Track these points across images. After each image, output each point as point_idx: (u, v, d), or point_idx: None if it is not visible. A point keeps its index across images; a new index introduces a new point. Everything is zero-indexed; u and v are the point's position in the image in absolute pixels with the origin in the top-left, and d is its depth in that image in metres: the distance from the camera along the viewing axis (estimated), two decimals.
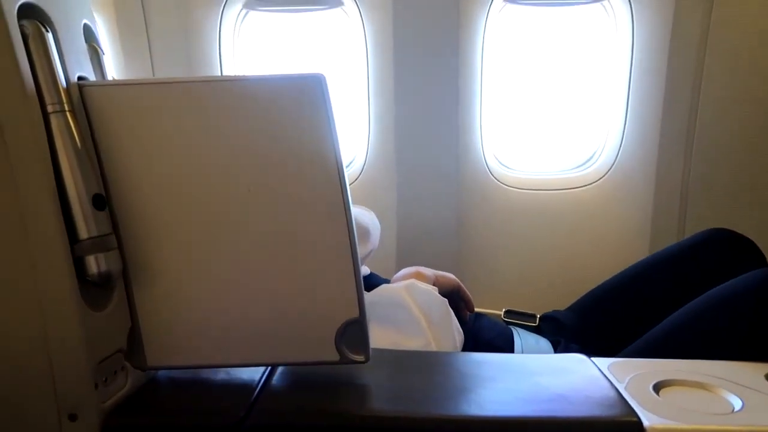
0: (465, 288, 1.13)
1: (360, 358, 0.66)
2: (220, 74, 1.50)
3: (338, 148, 0.61)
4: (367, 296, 0.68)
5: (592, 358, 0.75)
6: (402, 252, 1.53)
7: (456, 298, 1.10)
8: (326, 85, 0.60)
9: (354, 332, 0.65)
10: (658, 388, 0.67)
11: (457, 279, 1.13)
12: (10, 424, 0.62)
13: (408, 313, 0.88)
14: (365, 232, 1.05)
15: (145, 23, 1.47)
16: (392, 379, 0.71)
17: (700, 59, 1.43)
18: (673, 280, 1.14)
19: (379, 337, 0.83)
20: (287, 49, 1.61)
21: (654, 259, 1.22)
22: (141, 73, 1.50)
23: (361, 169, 1.58)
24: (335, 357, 0.66)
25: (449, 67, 1.48)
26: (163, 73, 1.51)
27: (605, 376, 0.69)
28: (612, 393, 0.65)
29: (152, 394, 0.68)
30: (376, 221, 1.14)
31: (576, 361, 0.75)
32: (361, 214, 1.08)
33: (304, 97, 0.60)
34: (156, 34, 1.49)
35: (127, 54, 1.49)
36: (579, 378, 0.70)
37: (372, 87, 1.51)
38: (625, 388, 0.66)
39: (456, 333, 0.95)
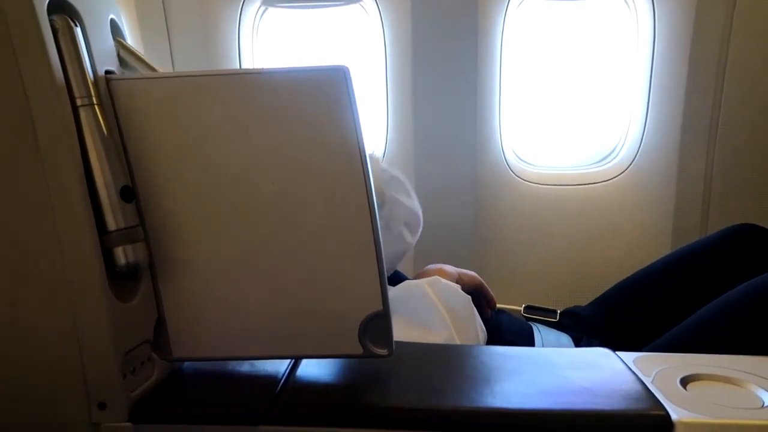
0: (487, 286, 1.12)
1: (383, 351, 0.65)
2: None
3: (362, 141, 0.61)
4: (391, 291, 0.67)
5: (617, 353, 0.74)
6: (420, 247, 1.52)
7: (478, 296, 1.10)
8: (350, 76, 0.60)
9: (377, 325, 0.65)
10: (685, 382, 0.66)
11: (479, 277, 1.12)
12: (40, 412, 0.63)
13: (431, 308, 0.88)
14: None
15: (166, 20, 1.49)
16: (416, 372, 0.71)
17: (723, 51, 1.41)
18: (698, 276, 1.12)
19: (402, 332, 0.82)
20: (306, 46, 1.62)
21: (678, 254, 1.20)
22: (161, 70, 1.52)
23: None
24: (359, 350, 0.65)
25: (468, 62, 1.47)
26: (183, 69, 1.53)
27: (631, 370, 0.69)
28: (639, 387, 0.64)
29: (178, 384, 0.69)
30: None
31: (601, 354, 0.74)
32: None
33: (328, 89, 0.60)
34: (176, 32, 1.50)
35: (147, 51, 1.51)
36: (605, 372, 0.69)
37: (390, 83, 1.51)
38: (652, 382, 0.65)
39: (479, 330, 0.95)
